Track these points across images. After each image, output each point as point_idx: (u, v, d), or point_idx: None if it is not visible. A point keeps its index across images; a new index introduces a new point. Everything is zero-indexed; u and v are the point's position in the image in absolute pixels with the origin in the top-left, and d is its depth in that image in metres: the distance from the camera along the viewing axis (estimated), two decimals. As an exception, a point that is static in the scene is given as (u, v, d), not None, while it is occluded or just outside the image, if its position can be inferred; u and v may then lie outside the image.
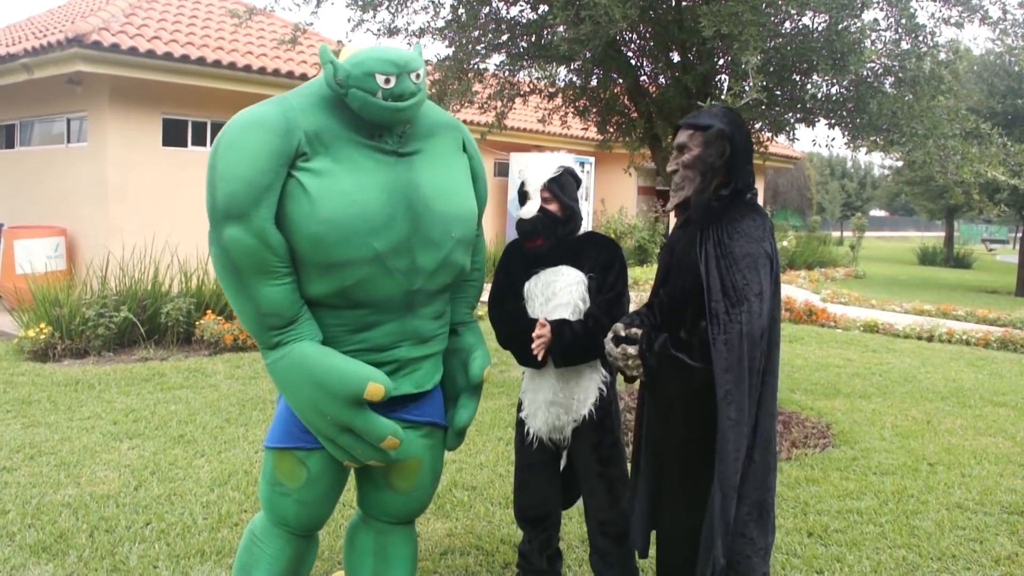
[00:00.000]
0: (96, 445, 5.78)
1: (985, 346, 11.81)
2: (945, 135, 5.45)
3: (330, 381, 2.74)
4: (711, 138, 2.92)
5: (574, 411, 3.46)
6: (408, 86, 2.78)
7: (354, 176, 2.77)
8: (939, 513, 5.08)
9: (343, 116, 2.85)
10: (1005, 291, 22.76)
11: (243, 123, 2.76)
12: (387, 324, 2.94)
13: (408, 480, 3.18)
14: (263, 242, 2.68)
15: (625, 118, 7.09)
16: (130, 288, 9.37)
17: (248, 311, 2.78)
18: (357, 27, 7.17)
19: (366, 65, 2.75)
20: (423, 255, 2.90)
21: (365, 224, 2.75)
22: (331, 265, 2.77)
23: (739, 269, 2.81)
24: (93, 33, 10.19)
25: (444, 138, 3.09)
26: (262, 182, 2.67)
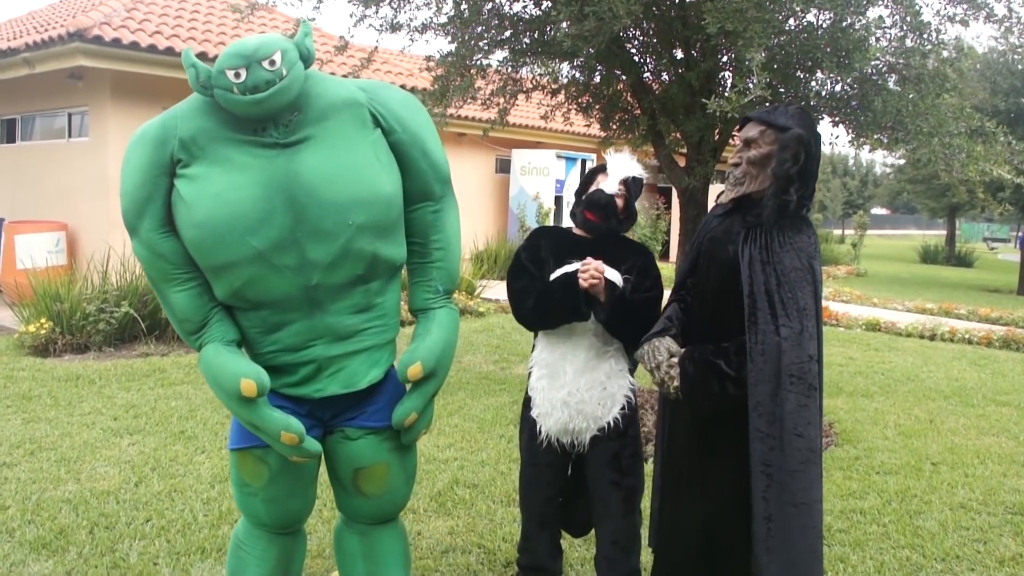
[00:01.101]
0: (96, 441, 5.76)
1: (987, 345, 11.78)
2: (951, 133, 5.42)
3: (220, 380, 2.74)
4: (789, 142, 2.80)
5: (596, 417, 3.33)
6: (261, 75, 2.59)
7: (228, 176, 2.68)
8: (943, 513, 5.05)
9: (221, 116, 2.72)
10: (1007, 290, 22.72)
11: (131, 140, 2.80)
12: (294, 323, 2.84)
13: (377, 485, 3.11)
14: (153, 252, 2.73)
15: (628, 115, 7.06)
16: (131, 283, 9.34)
17: (170, 318, 2.88)
18: (359, 23, 7.15)
19: (218, 62, 2.62)
20: (314, 248, 2.73)
21: (239, 223, 2.66)
22: (216, 268, 2.74)
23: (788, 282, 2.75)
24: (94, 28, 10.16)
25: (343, 118, 2.83)
26: (141, 194, 2.71)
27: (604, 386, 3.34)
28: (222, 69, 2.60)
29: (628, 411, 3.38)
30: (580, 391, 3.30)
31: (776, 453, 2.72)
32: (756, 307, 2.76)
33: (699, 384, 2.85)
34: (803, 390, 2.71)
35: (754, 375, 2.73)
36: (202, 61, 2.67)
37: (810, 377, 2.72)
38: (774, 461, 2.72)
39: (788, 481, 2.72)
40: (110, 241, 10.52)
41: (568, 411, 3.31)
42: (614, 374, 3.36)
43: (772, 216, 2.83)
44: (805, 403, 2.72)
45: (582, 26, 5.18)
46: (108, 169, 11.16)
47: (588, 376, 3.32)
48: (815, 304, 2.78)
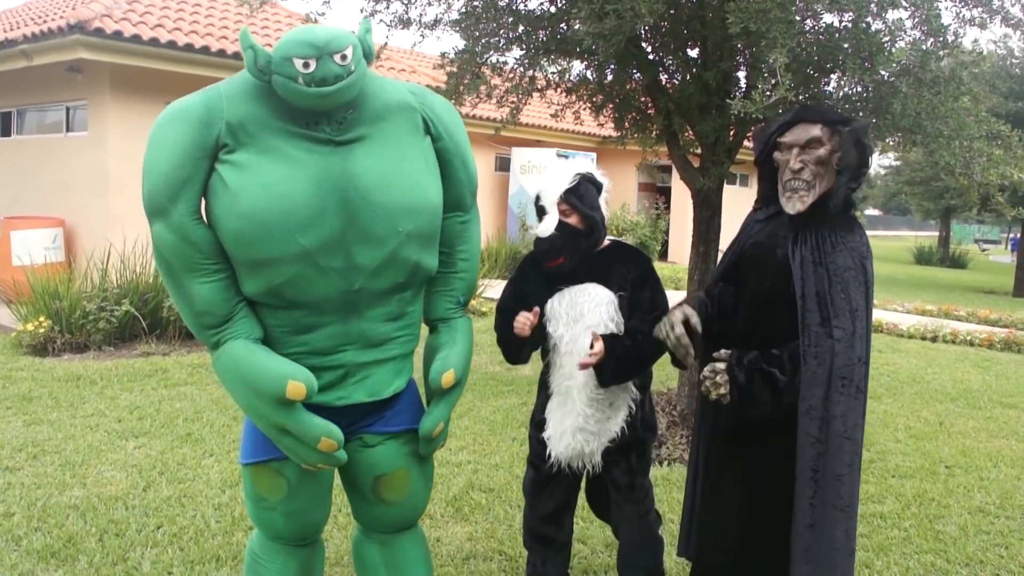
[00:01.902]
0: (101, 444, 5.66)
1: (989, 347, 11.76)
2: (971, 136, 5.35)
3: (256, 380, 2.57)
4: (854, 136, 2.76)
5: (604, 432, 3.30)
6: (332, 69, 2.51)
7: (279, 167, 2.56)
8: (961, 517, 5.01)
9: (273, 104, 2.62)
10: (1002, 291, 22.78)
11: (166, 116, 2.61)
12: (328, 326, 2.73)
13: (398, 492, 3.01)
14: (183, 238, 2.54)
15: (641, 114, 6.98)
16: (131, 281, 9.22)
17: (184, 309, 2.66)
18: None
19: (283, 48, 2.52)
20: (362, 252, 2.64)
21: (289, 219, 2.54)
22: (256, 263, 2.60)
23: (840, 282, 2.70)
24: (95, 20, 10.04)
25: (397, 121, 2.77)
26: (179, 176, 2.51)
27: (610, 402, 3.29)
28: (289, 57, 2.50)
29: (631, 418, 3.33)
30: (592, 415, 3.27)
31: (824, 458, 2.66)
32: (807, 309, 2.70)
33: (751, 393, 2.77)
34: (852, 392, 2.67)
35: (807, 378, 2.66)
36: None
37: (858, 379, 2.68)
38: (821, 466, 2.66)
39: (835, 485, 2.67)
40: (110, 237, 10.40)
41: (582, 436, 3.27)
42: (617, 389, 3.30)
43: (839, 208, 2.79)
44: (854, 406, 2.67)
45: (602, 24, 5.09)
46: (107, 164, 11.04)
47: (600, 401, 3.28)
48: (867, 305, 2.72)
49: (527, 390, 7.55)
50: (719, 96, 6.21)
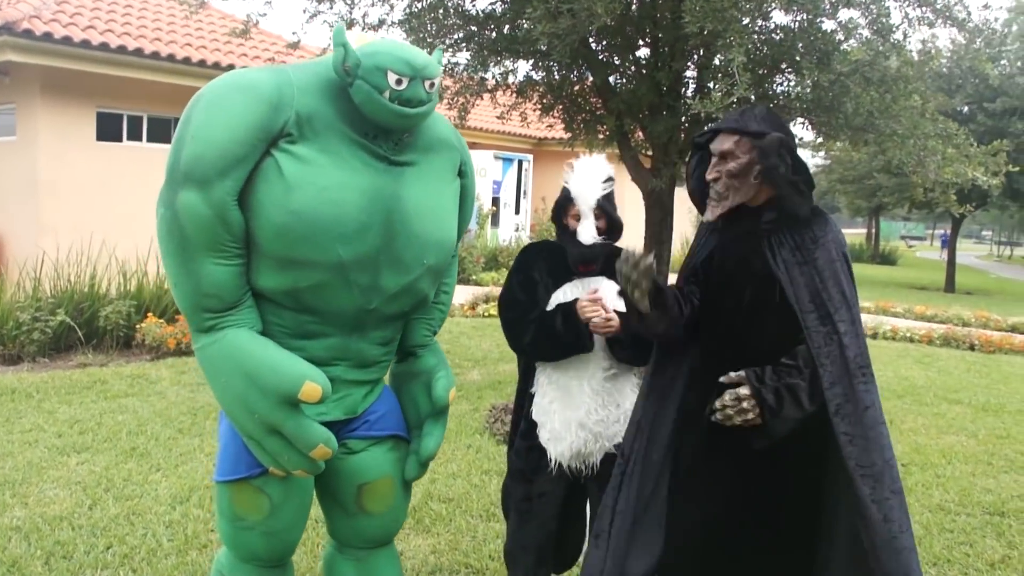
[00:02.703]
0: (42, 460, 5.42)
1: (929, 343, 11.98)
2: (926, 135, 5.39)
3: (263, 375, 2.45)
4: (770, 149, 2.69)
5: (609, 436, 3.14)
6: (420, 93, 2.53)
7: (337, 172, 2.50)
8: (923, 516, 5.03)
9: (341, 106, 2.56)
10: (934, 287, 23.30)
11: (232, 83, 2.47)
12: (330, 338, 2.68)
13: (382, 502, 2.92)
14: (220, 216, 2.39)
15: (592, 115, 6.93)
16: (66, 290, 8.91)
17: (186, 286, 2.49)
18: (312, 19, 6.91)
19: (379, 59, 2.48)
20: (388, 276, 2.64)
21: (336, 227, 2.48)
22: (290, 261, 2.51)
23: (831, 276, 2.67)
24: (24, 20, 9.72)
25: (442, 157, 2.81)
26: (236, 152, 2.39)
27: (618, 403, 3.17)
28: (384, 68, 2.47)
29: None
30: (597, 410, 3.12)
31: (868, 453, 2.58)
32: (805, 311, 2.66)
33: (783, 413, 2.66)
34: (869, 378, 2.63)
35: (827, 379, 2.61)
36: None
37: (869, 365, 2.66)
38: (868, 461, 2.58)
39: (888, 472, 2.60)
40: (42, 245, 10.06)
41: (584, 433, 3.12)
42: (626, 390, 3.19)
43: (791, 221, 2.76)
44: (875, 391, 2.64)
45: (556, 24, 5.03)
46: (38, 169, 10.70)
47: (604, 395, 3.14)
48: (854, 295, 2.72)
49: (477, 396, 7.45)
50: (671, 97, 6.20)
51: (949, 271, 23.13)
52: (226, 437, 2.73)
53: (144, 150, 11.79)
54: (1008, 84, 18.40)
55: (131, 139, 11.67)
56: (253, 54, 12.40)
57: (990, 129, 18.02)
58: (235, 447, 2.69)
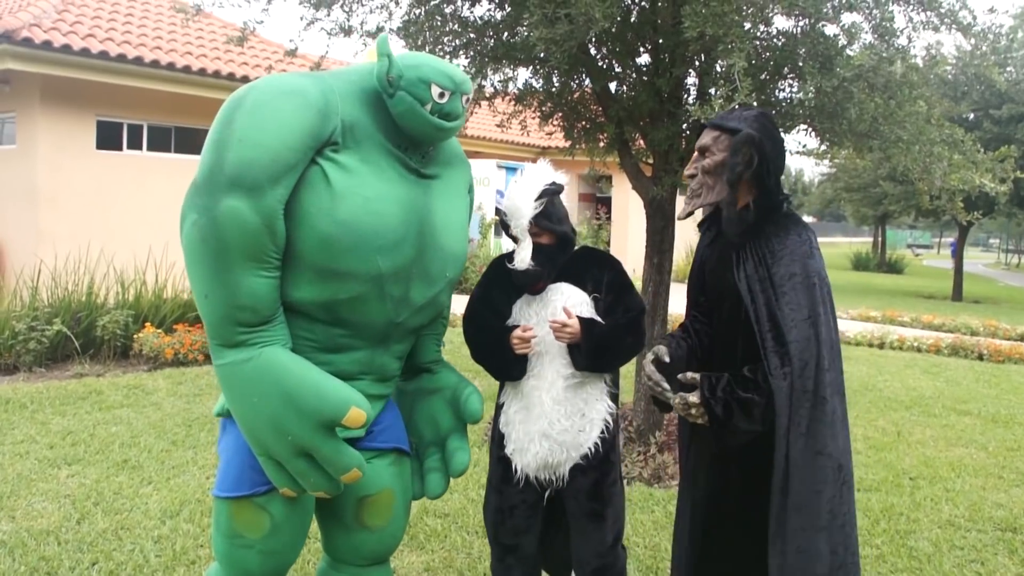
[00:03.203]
0: (32, 473, 5.34)
1: (937, 352, 11.84)
2: (932, 141, 5.28)
3: (305, 397, 2.37)
4: (738, 144, 2.62)
5: (575, 446, 3.05)
6: (457, 107, 2.59)
7: (378, 183, 2.50)
8: (932, 532, 4.91)
9: (378, 116, 2.57)
10: (941, 296, 23.13)
11: (279, 87, 2.40)
12: (358, 351, 2.64)
13: (382, 516, 2.85)
14: (268, 226, 2.31)
15: (592, 123, 6.83)
16: (63, 299, 8.84)
17: (219, 299, 2.36)
18: (310, 26, 6.82)
19: (423, 71, 2.52)
20: (417, 288, 2.66)
21: (378, 238, 2.46)
22: (330, 272, 2.45)
23: (784, 293, 2.56)
24: (23, 29, 9.67)
25: (458, 172, 2.88)
26: (288, 159, 2.33)
27: (583, 412, 3.06)
28: (428, 81, 2.52)
29: (608, 435, 3.11)
30: (560, 420, 3.02)
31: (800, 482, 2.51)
32: (763, 328, 2.57)
33: (731, 425, 2.61)
34: (820, 404, 2.52)
35: (780, 401, 2.51)
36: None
37: (822, 388, 2.51)
38: (796, 488, 2.51)
39: (814, 502, 2.52)
40: (40, 254, 9.99)
41: (548, 443, 3.02)
42: (591, 399, 3.08)
43: (732, 226, 2.67)
44: (819, 417, 2.51)
45: (554, 29, 4.93)
46: (37, 178, 10.64)
47: (567, 404, 3.03)
48: (821, 307, 2.57)
49: (479, 406, 7.34)
50: (671, 103, 6.10)
51: (956, 279, 22.94)
52: (229, 451, 2.66)
53: (144, 159, 11.73)
54: (1015, 90, 18.26)
55: (131, 148, 11.61)
56: (254, 63, 12.34)
57: (997, 136, 17.89)
58: (239, 462, 2.62)
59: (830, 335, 2.56)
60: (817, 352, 2.51)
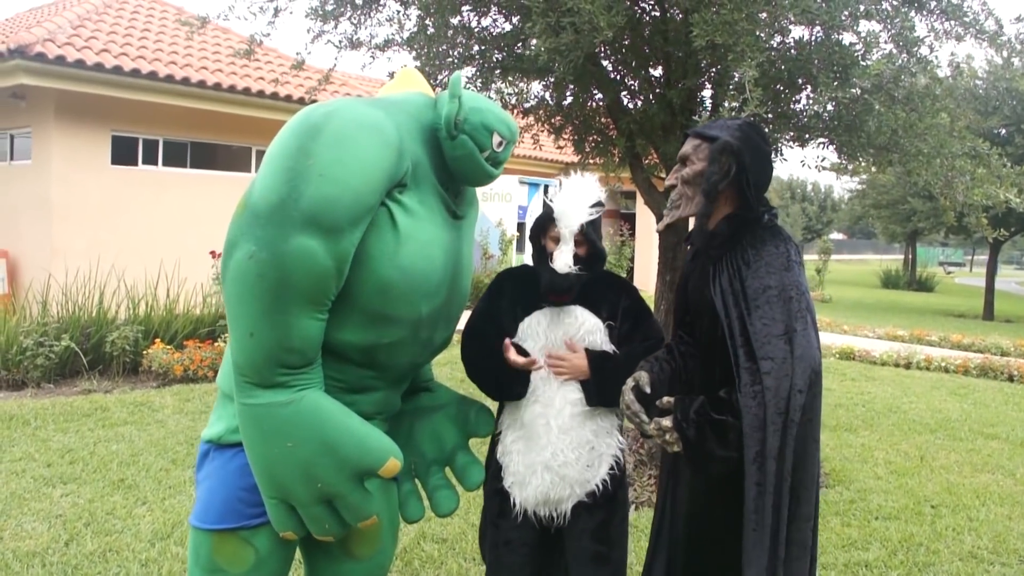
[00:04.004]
0: (25, 492, 5.22)
1: (965, 373, 11.54)
2: (953, 154, 5.08)
3: (346, 447, 2.24)
4: (715, 153, 2.49)
5: (582, 481, 2.85)
6: (506, 155, 2.60)
7: (431, 227, 2.42)
8: (953, 564, 4.67)
9: (434, 155, 2.48)
10: (972, 315, 22.71)
11: (360, 119, 2.24)
12: (380, 391, 2.54)
13: (370, 544, 2.68)
14: (339, 270, 2.17)
15: (603, 136, 6.67)
16: (73, 315, 8.77)
17: (267, 339, 2.17)
18: (317, 39, 6.72)
19: (487, 118, 2.49)
20: (441, 330, 2.60)
21: (425, 283, 2.38)
22: (383, 317, 2.33)
23: (757, 307, 2.39)
24: (37, 44, 9.65)
25: (474, 211, 2.83)
26: (369, 201, 2.19)
27: (592, 445, 2.87)
28: (492, 129, 2.50)
29: (617, 472, 2.92)
30: (564, 452, 2.82)
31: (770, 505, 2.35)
32: (737, 345, 2.41)
33: (704, 449, 2.44)
34: (792, 427, 2.34)
35: (748, 422, 2.35)
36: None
37: (793, 412, 2.33)
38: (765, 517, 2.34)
39: (780, 534, 2.36)
40: (51, 269, 9.96)
41: (550, 476, 2.82)
42: (602, 432, 2.90)
43: (701, 239, 2.54)
44: (788, 441, 2.34)
45: (558, 39, 4.79)
46: (51, 193, 10.62)
47: (574, 435, 2.84)
48: (799, 322, 2.39)
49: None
50: (684, 116, 5.93)
51: (988, 298, 22.51)
52: (214, 480, 2.49)
53: (160, 174, 11.69)
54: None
55: (147, 163, 11.57)
56: (271, 76, 12.27)
57: (1030, 151, 17.50)
58: (226, 494, 2.45)
59: (808, 353, 2.37)
60: (792, 371, 2.34)
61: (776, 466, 2.32)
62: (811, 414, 2.39)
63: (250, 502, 2.42)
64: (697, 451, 2.44)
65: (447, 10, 5.75)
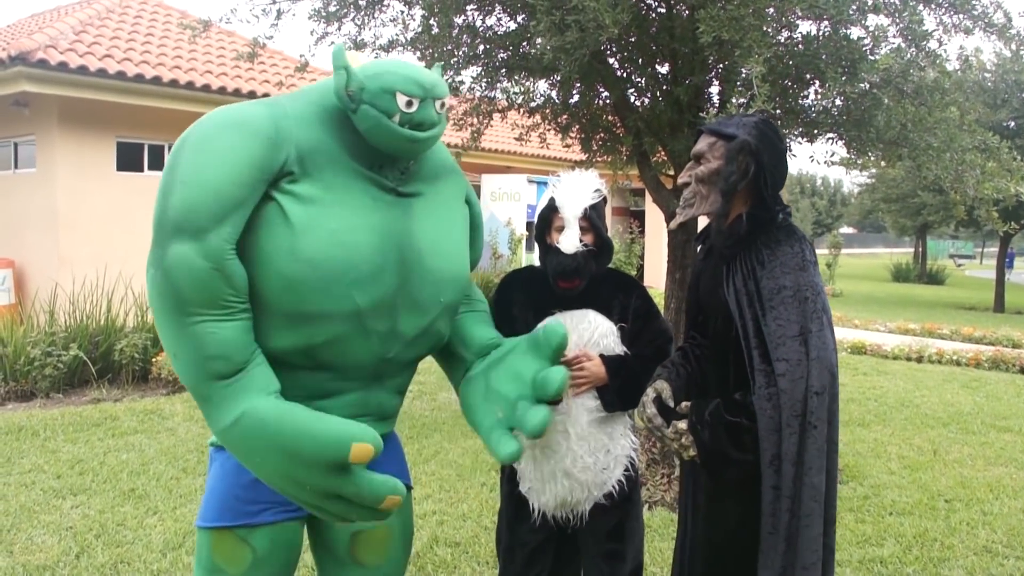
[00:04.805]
0: (35, 504, 5.20)
1: (976, 366, 11.47)
2: (964, 148, 5.02)
3: (303, 448, 2.15)
4: (733, 152, 2.44)
5: (597, 485, 2.84)
6: (431, 114, 2.32)
7: (346, 212, 2.26)
8: (968, 559, 4.63)
9: (343, 136, 2.33)
10: (983, 307, 22.63)
11: (223, 120, 2.21)
12: (349, 394, 2.43)
13: (377, 553, 2.63)
14: (218, 269, 2.11)
15: (610, 135, 6.63)
16: (81, 323, 8.73)
17: (187, 354, 2.16)
18: (320, 40, 6.69)
19: (386, 80, 2.26)
20: (407, 319, 2.42)
21: (350, 272, 2.24)
22: (302, 316, 2.24)
23: (772, 307, 2.36)
24: (39, 51, 9.62)
25: (448, 184, 2.61)
26: (234, 195, 2.12)
27: (608, 448, 2.86)
28: (392, 90, 2.25)
29: (632, 472, 2.91)
30: (583, 457, 2.81)
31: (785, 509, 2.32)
32: (751, 347, 2.37)
33: (719, 451, 2.41)
34: (808, 429, 2.31)
35: (763, 425, 2.32)
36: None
37: (811, 415, 2.30)
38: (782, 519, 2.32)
39: (796, 538, 2.32)
40: (58, 278, 9.93)
41: (568, 482, 2.82)
42: (616, 434, 2.88)
43: (721, 238, 2.50)
44: (807, 446, 2.31)
45: (563, 37, 4.75)
46: (56, 201, 10.60)
47: (591, 440, 2.82)
48: (814, 323, 2.35)
49: (499, 428, 7.13)
50: (691, 113, 5.88)
51: (998, 290, 22.42)
52: (215, 479, 2.48)
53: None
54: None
55: (152, 169, 11.53)
56: (275, 80, 12.23)
57: (1038, 144, 17.42)
58: (222, 491, 2.44)
59: (824, 354, 2.33)
60: (807, 373, 2.30)
61: (794, 470, 2.29)
62: (831, 416, 2.36)
63: (246, 500, 2.40)
64: (712, 454, 2.42)
65: (451, 9, 5.70)
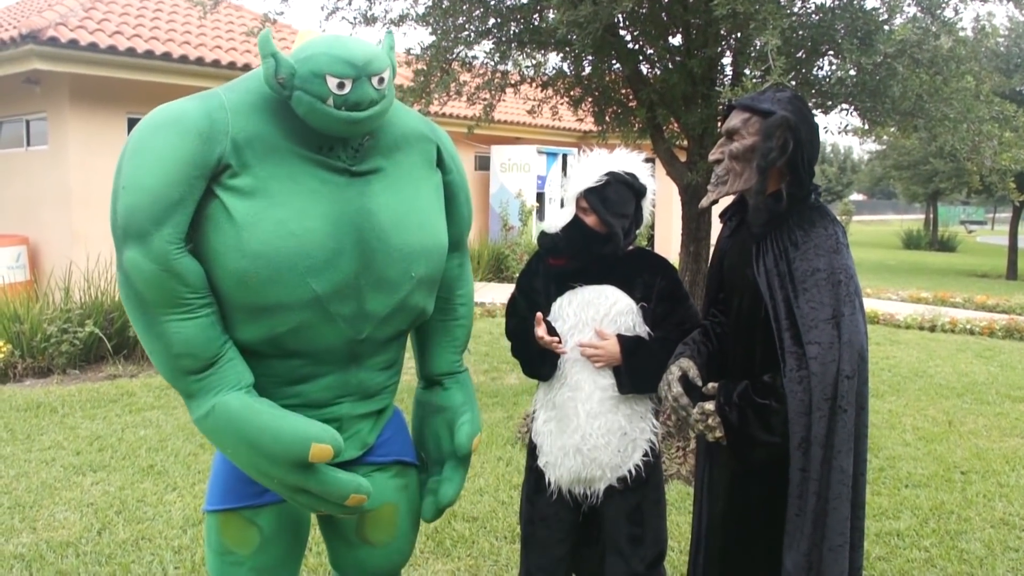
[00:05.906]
0: (56, 481, 5.25)
1: (990, 335, 11.44)
2: (981, 119, 4.98)
3: (265, 444, 2.19)
4: (772, 128, 2.39)
5: (614, 466, 2.84)
6: (368, 93, 2.22)
7: (293, 200, 2.22)
8: (985, 532, 4.64)
9: (286, 122, 2.27)
10: (995, 274, 22.53)
11: (156, 122, 2.19)
12: (327, 376, 2.42)
13: (384, 531, 2.66)
14: (166, 269, 2.12)
15: (623, 107, 6.59)
16: (96, 300, 8.77)
17: (158, 352, 2.21)
18: (331, 15, 6.67)
19: (315, 63, 2.16)
20: (374, 299, 2.37)
21: (303, 261, 2.21)
22: (260, 308, 2.24)
23: (805, 290, 2.34)
24: (49, 28, 9.61)
25: (412, 152, 2.51)
26: (170, 196, 2.11)
27: (624, 431, 2.85)
28: (321, 73, 2.16)
29: (651, 458, 2.90)
30: (595, 436, 2.81)
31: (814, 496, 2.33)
32: (782, 328, 2.36)
33: (747, 433, 2.42)
34: (839, 413, 2.31)
35: (794, 407, 2.32)
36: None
37: (842, 399, 2.30)
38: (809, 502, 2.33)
39: (833, 519, 2.33)
40: (72, 255, 9.96)
41: (581, 458, 2.83)
42: (635, 417, 2.87)
43: (759, 216, 2.47)
44: (837, 429, 2.31)
45: (577, 12, 4.72)
46: (69, 178, 10.62)
47: (604, 419, 2.82)
48: (846, 307, 2.34)
49: (513, 402, 7.17)
50: (705, 85, 5.85)
51: (1011, 257, 22.31)
52: (219, 463, 2.51)
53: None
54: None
55: (164, 144, 11.52)
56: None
57: (1052, 111, 17.24)
58: (225, 474, 2.47)
59: (855, 338, 2.33)
60: (839, 357, 2.30)
61: (822, 452, 2.30)
62: (862, 400, 2.36)
63: (250, 481, 2.42)
64: (740, 436, 2.42)
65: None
